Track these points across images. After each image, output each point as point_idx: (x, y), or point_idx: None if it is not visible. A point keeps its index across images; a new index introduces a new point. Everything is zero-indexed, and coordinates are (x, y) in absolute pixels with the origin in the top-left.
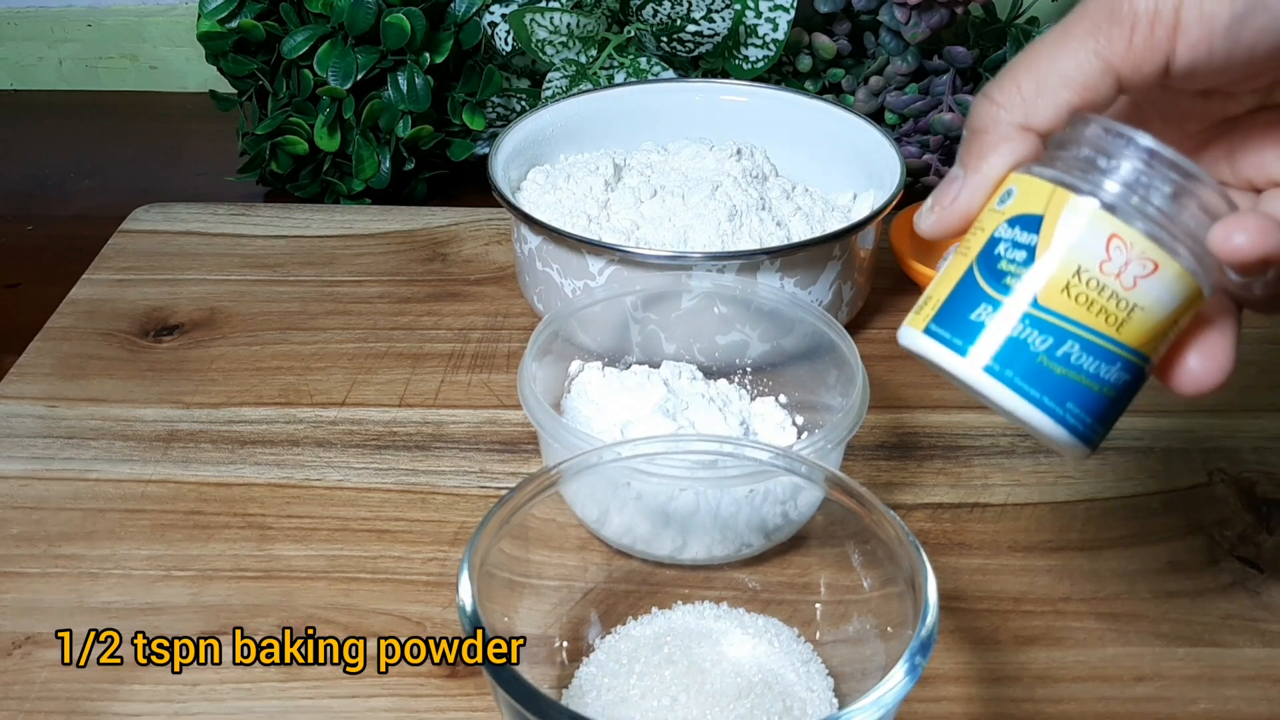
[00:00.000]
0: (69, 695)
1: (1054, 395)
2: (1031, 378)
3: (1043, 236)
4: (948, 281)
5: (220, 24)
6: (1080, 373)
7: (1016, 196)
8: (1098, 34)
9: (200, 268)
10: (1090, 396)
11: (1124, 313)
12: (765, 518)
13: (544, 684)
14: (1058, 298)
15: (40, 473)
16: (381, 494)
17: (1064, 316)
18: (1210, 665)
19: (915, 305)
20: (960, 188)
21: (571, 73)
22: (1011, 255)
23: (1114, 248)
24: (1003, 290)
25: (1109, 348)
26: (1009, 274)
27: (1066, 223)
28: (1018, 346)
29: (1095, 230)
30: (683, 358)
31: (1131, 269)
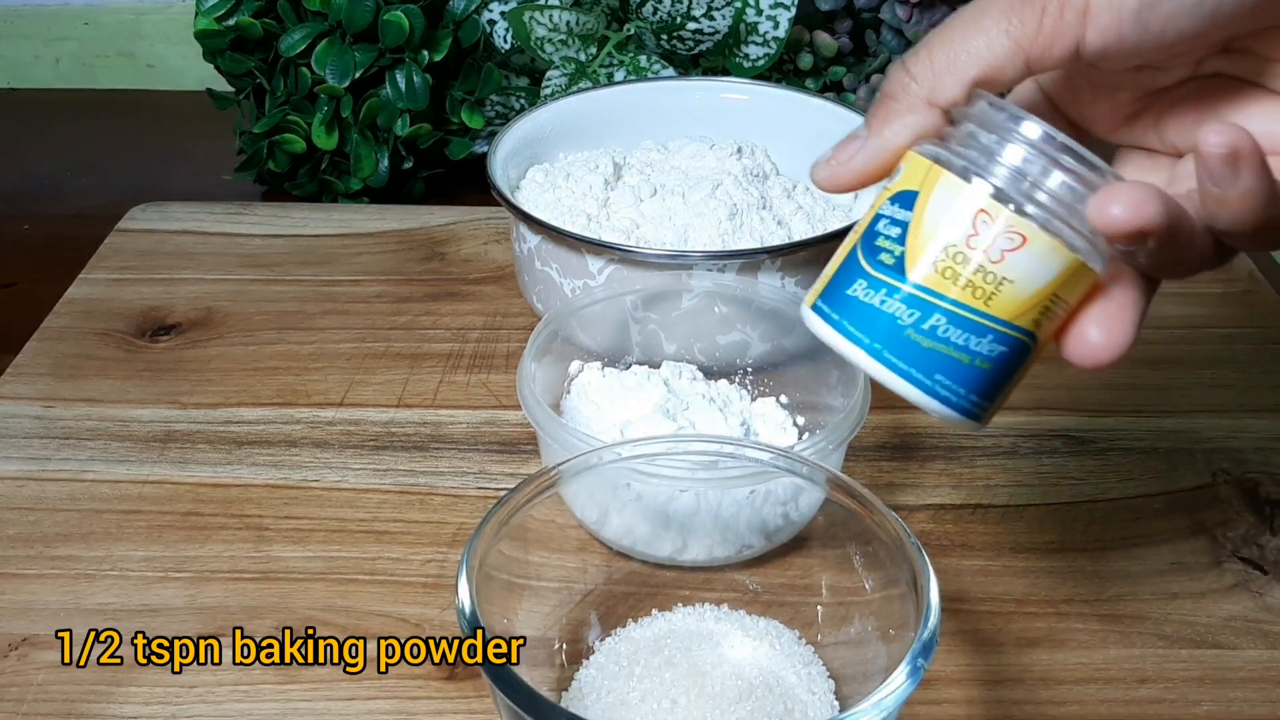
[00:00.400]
0: (66, 697)
1: (921, 368)
2: (899, 350)
3: (915, 213)
4: (837, 259)
5: (217, 22)
6: (948, 345)
7: (902, 174)
8: (1010, 14)
9: (197, 267)
10: (961, 369)
11: (992, 286)
12: (766, 519)
13: (543, 686)
14: (926, 272)
15: (36, 473)
16: (380, 495)
17: (931, 291)
18: (1213, 667)
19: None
20: (859, 147)
21: (571, 71)
22: (888, 232)
23: (980, 222)
24: (877, 266)
25: (978, 321)
26: (884, 250)
27: (937, 198)
28: (886, 320)
29: (963, 205)
30: (683, 358)
31: (999, 243)
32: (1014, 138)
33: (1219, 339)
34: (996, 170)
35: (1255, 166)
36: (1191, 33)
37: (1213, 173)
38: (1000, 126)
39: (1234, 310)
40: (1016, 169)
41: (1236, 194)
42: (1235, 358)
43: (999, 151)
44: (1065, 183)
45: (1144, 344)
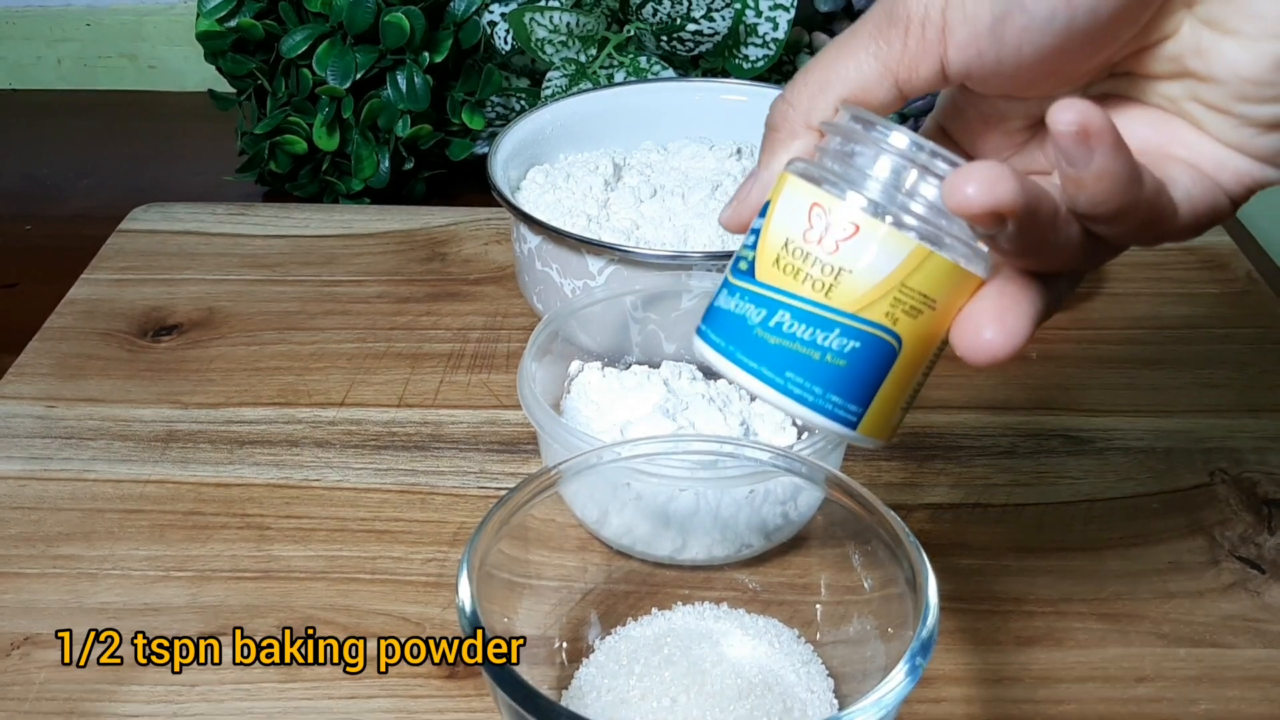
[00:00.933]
0: (67, 696)
1: (771, 366)
2: (749, 350)
3: (765, 219)
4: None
5: (219, 23)
6: (795, 341)
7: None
8: (878, 36)
9: (199, 267)
10: (813, 367)
11: (830, 278)
12: (765, 518)
13: (543, 685)
14: (769, 271)
15: (38, 473)
16: (380, 494)
17: (773, 288)
18: (1211, 666)
19: None
20: (753, 183)
21: (571, 72)
22: (748, 242)
23: (814, 215)
24: (735, 274)
25: (821, 315)
26: (741, 259)
27: (783, 202)
28: (737, 321)
29: (798, 201)
30: (683, 358)
31: (832, 233)
32: (855, 136)
33: (1217, 339)
34: (834, 166)
35: (1109, 145)
36: (1051, 50)
37: (1066, 151)
38: (845, 129)
39: (1232, 310)
40: (853, 163)
41: (1092, 174)
42: (1233, 358)
43: (840, 150)
44: (903, 171)
45: (1142, 344)
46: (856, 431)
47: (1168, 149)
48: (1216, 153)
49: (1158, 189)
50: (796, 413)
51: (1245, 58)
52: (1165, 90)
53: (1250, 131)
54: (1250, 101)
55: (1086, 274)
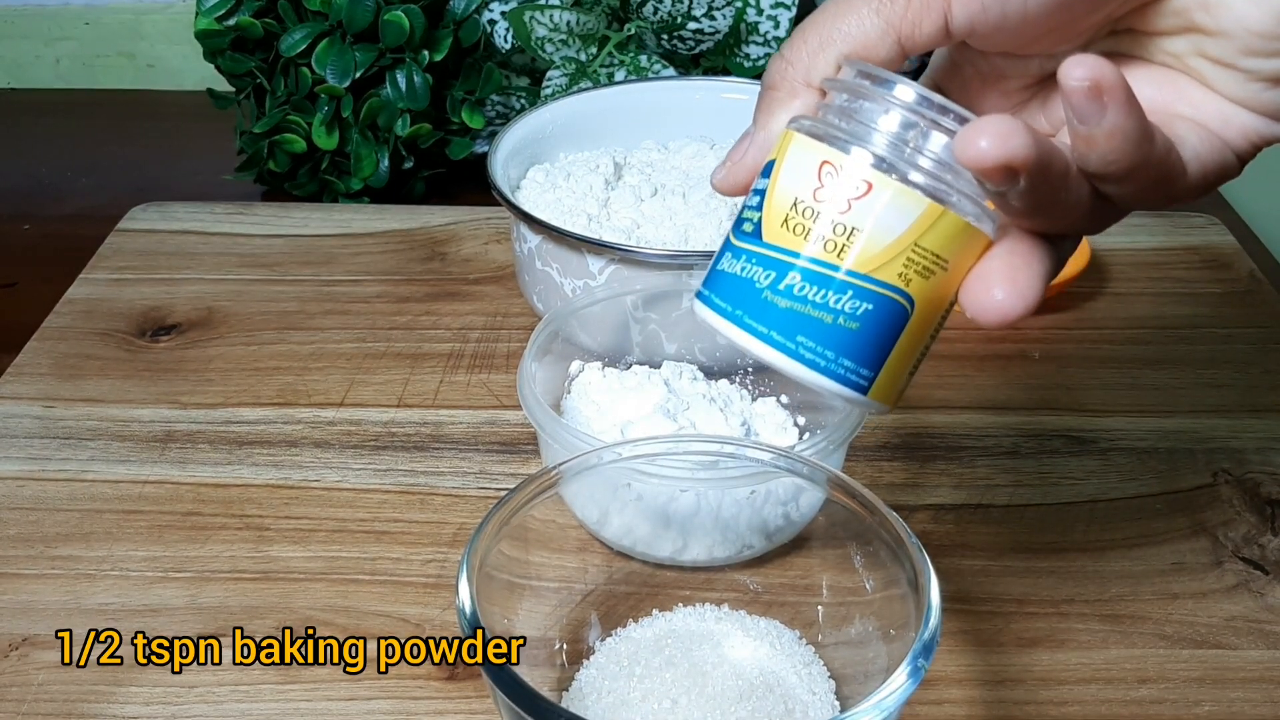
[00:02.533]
0: (66, 697)
1: (782, 330)
2: (758, 314)
3: (771, 179)
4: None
5: (218, 22)
6: (806, 304)
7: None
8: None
9: (198, 267)
10: (825, 330)
11: (843, 238)
12: (766, 519)
13: (544, 686)
14: (777, 231)
15: (37, 473)
16: (380, 495)
17: (783, 249)
18: (1214, 667)
19: None
20: (749, 144)
21: (571, 70)
22: (750, 202)
23: (825, 173)
24: (739, 236)
25: (833, 275)
26: (746, 220)
27: (790, 160)
28: (745, 285)
29: (807, 159)
30: (683, 358)
31: (844, 191)
32: (864, 92)
33: (1220, 339)
34: (842, 123)
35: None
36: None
37: (1078, 108)
38: (852, 86)
39: (1234, 310)
40: (862, 120)
41: (1104, 131)
42: (1236, 358)
43: (848, 107)
44: (914, 126)
45: (1145, 344)
46: (867, 397)
47: (1173, 108)
48: (1223, 109)
49: (1168, 148)
50: (807, 378)
51: (1254, 11)
52: (1169, 46)
53: (1257, 86)
54: (1257, 55)
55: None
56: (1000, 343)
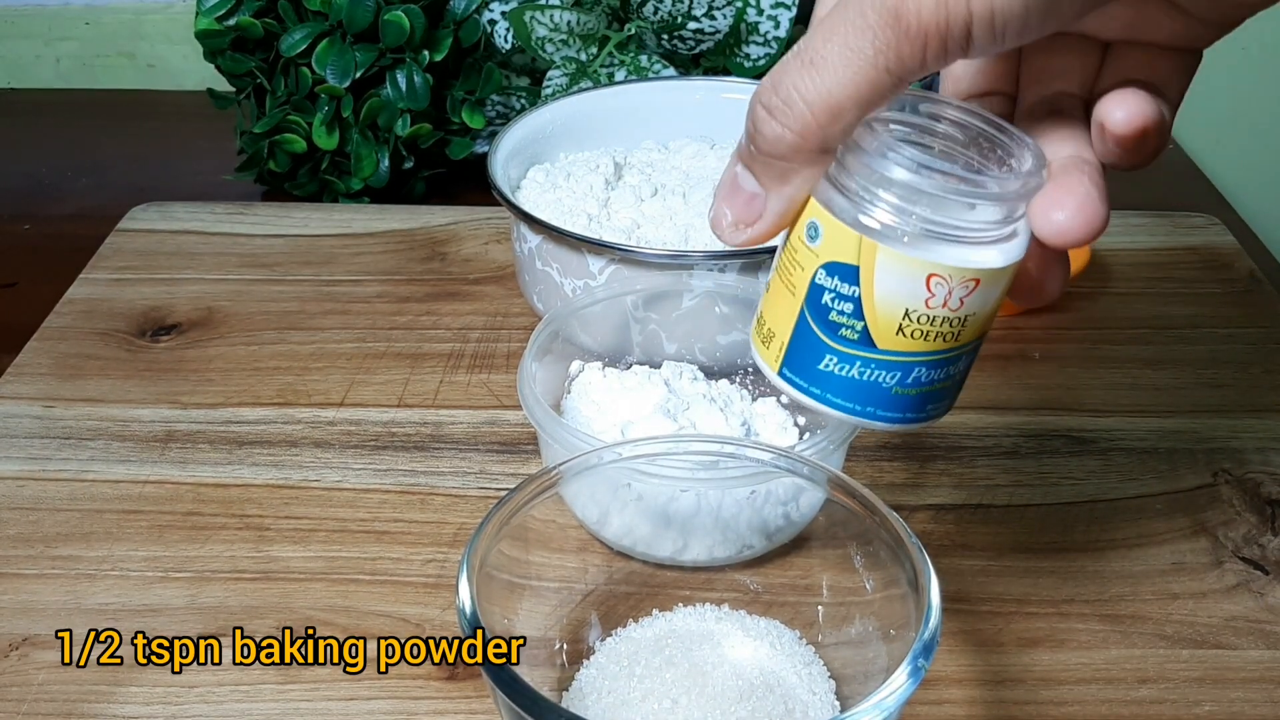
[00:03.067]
0: (66, 697)
1: (915, 410)
2: (892, 405)
3: (863, 288)
4: (785, 317)
5: (218, 22)
6: (931, 385)
7: (824, 237)
8: (888, 51)
9: (198, 267)
10: (944, 393)
11: (957, 328)
12: (767, 519)
13: (544, 686)
14: (893, 339)
15: (37, 473)
16: (380, 495)
17: (903, 353)
18: (1214, 667)
19: (757, 322)
20: (764, 206)
21: (571, 70)
22: (840, 308)
23: (934, 284)
24: (841, 342)
25: (951, 356)
26: (843, 326)
27: (882, 274)
28: (869, 387)
29: (912, 275)
30: (684, 358)
31: (955, 293)
32: (928, 191)
33: (1220, 339)
34: (935, 232)
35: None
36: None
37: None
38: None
39: (1235, 310)
40: (946, 225)
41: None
42: (1236, 358)
43: (924, 212)
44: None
45: (1145, 344)
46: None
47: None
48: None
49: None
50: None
51: None
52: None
53: None
54: None
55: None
56: (1000, 343)
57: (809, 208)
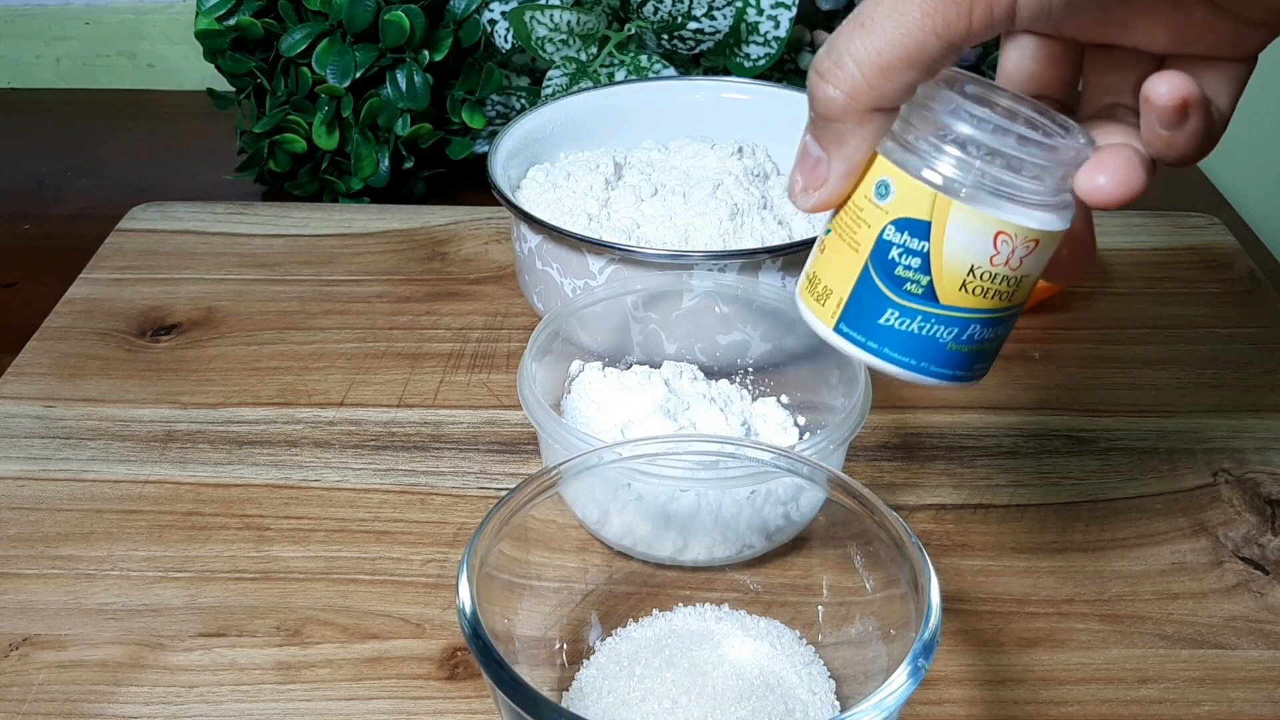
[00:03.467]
0: (66, 697)
1: (966, 367)
2: (944, 361)
3: (933, 244)
4: (845, 273)
5: (218, 22)
6: (982, 343)
7: (896, 194)
8: (935, 14)
9: (198, 267)
10: (989, 353)
11: (1013, 287)
12: (767, 519)
13: (544, 686)
14: (956, 295)
15: (37, 473)
16: (380, 495)
17: (965, 309)
18: (1214, 667)
19: (808, 281)
20: (828, 170)
21: (571, 70)
22: (907, 262)
23: (1000, 242)
24: (905, 297)
25: (1002, 316)
26: (908, 280)
27: (954, 230)
28: (927, 342)
29: (982, 231)
30: (684, 357)
31: (1018, 252)
32: (1005, 145)
33: (1220, 339)
34: (1005, 192)
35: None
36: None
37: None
38: (985, 143)
39: (1235, 310)
40: (1014, 184)
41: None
42: (1236, 357)
43: (996, 172)
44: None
45: (1145, 344)
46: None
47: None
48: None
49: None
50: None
51: None
52: None
53: None
54: None
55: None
56: None
57: (878, 166)
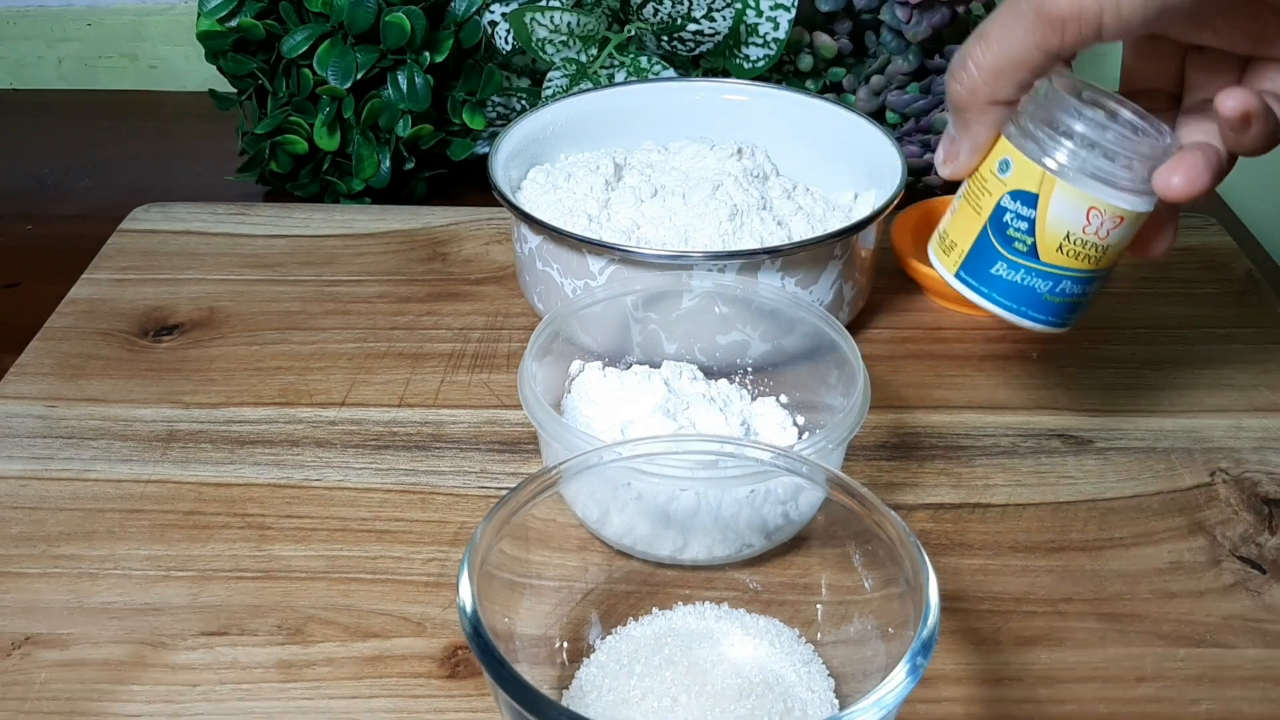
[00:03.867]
0: (68, 696)
1: (1058, 315)
2: (1040, 308)
3: (1039, 212)
4: (968, 231)
5: (220, 23)
6: (1072, 297)
7: (1014, 171)
8: (1035, 31)
9: (199, 267)
10: (1078, 306)
11: (1101, 253)
12: (766, 518)
13: (544, 685)
14: (1054, 255)
15: (39, 473)
16: (381, 494)
17: (1059, 267)
18: (1212, 666)
19: (939, 237)
20: (960, 148)
21: (572, 72)
22: (1017, 225)
23: (1092, 215)
24: (1013, 252)
25: (1092, 276)
26: (1016, 239)
27: (1056, 202)
28: (1028, 291)
29: (1078, 206)
30: (683, 358)
31: (1105, 225)
32: (1101, 141)
33: (1218, 339)
34: (1097, 173)
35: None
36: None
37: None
38: (1089, 135)
39: (1233, 310)
40: (1109, 169)
41: (1249, 138)
42: (1234, 357)
43: (1095, 160)
44: (1146, 166)
45: (1143, 344)
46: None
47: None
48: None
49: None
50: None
51: None
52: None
53: None
54: None
55: None
56: (999, 342)
57: (1002, 147)
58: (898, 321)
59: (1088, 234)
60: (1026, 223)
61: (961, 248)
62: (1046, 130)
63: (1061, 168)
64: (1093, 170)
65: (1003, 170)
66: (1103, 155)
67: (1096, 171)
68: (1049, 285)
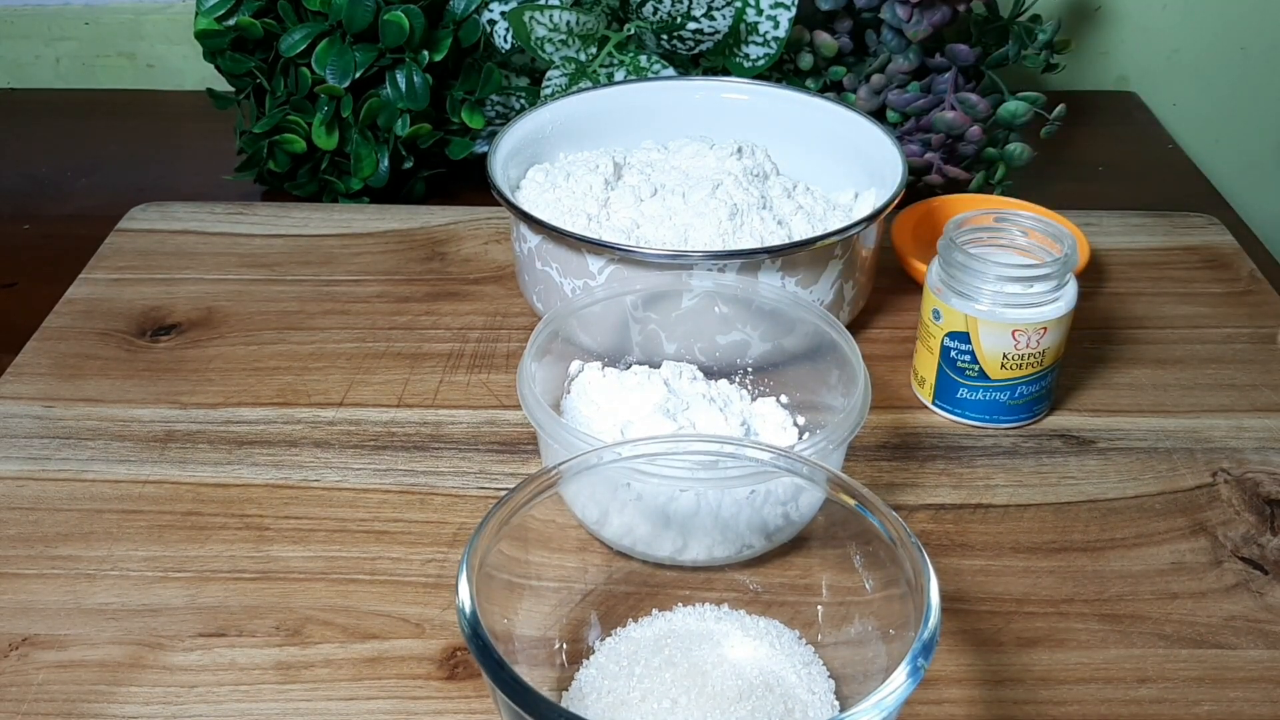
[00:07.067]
0: (66, 697)
1: (1027, 411)
2: (1009, 412)
3: (975, 346)
4: (929, 368)
5: (218, 22)
6: (1033, 394)
7: (944, 318)
8: None
9: (197, 267)
10: (1042, 399)
11: (1041, 357)
12: (766, 519)
13: (543, 686)
14: (1001, 372)
15: (37, 473)
16: (380, 495)
17: (1010, 380)
18: (1213, 667)
19: (913, 371)
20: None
21: (571, 71)
22: (962, 358)
23: (1017, 335)
24: (967, 379)
25: (1040, 375)
26: (966, 369)
27: (985, 336)
28: (993, 404)
29: (1003, 332)
30: (683, 358)
31: (1033, 338)
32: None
33: (1219, 339)
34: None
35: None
36: None
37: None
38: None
39: (1235, 310)
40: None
41: None
42: (1236, 358)
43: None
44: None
45: (1145, 344)
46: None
47: None
48: None
49: None
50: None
51: None
52: None
53: None
54: None
55: None
56: None
57: (929, 299)
58: (898, 321)
59: (1021, 350)
60: (969, 355)
61: (930, 381)
62: (959, 281)
63: (979, 310)
64: (1005, 302)
65: (936, 318)
66: (1011, 285)
67: (1010, 301)
68: (1008, 395)
